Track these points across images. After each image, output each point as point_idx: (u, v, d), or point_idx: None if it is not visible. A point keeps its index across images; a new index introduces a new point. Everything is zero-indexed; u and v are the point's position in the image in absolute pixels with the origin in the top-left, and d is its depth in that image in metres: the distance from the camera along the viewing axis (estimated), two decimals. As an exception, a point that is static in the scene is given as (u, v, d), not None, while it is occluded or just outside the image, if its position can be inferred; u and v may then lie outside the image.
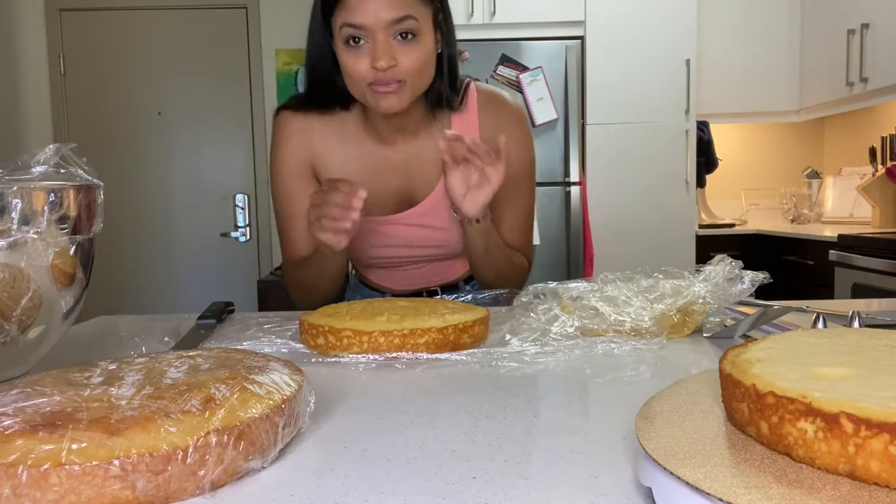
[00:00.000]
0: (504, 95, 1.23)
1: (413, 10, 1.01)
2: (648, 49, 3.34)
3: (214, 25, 3.91)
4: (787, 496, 0.30)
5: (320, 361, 0.72)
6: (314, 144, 1.18)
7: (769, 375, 0.36)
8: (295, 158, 1.18)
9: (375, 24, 1.00)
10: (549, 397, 0.58)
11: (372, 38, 1.01)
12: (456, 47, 1.14)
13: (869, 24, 3.05)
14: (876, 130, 3.50)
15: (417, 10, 1.02)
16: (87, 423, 0.38)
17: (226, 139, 3.96)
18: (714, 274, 0.81)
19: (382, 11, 0.99)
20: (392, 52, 1.01)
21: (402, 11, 1.00)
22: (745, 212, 4.02)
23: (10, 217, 0.57)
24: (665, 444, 0.36)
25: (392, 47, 1.01)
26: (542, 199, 3.22)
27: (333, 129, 1.18)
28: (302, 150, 1.18)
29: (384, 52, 1.00)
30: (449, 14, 1.11)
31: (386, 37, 1.01)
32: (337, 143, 1.18)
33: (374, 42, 1.01)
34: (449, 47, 1.12)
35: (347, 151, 1.18)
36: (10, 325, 0.59)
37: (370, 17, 0.99)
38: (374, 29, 1.00)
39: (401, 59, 1.02)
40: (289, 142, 1.18)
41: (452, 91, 1.15)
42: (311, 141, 1.18)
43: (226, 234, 3.99)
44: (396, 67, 1.02)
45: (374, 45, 1.01)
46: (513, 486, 0.40)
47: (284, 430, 0.45)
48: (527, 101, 3.23)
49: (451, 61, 1.13)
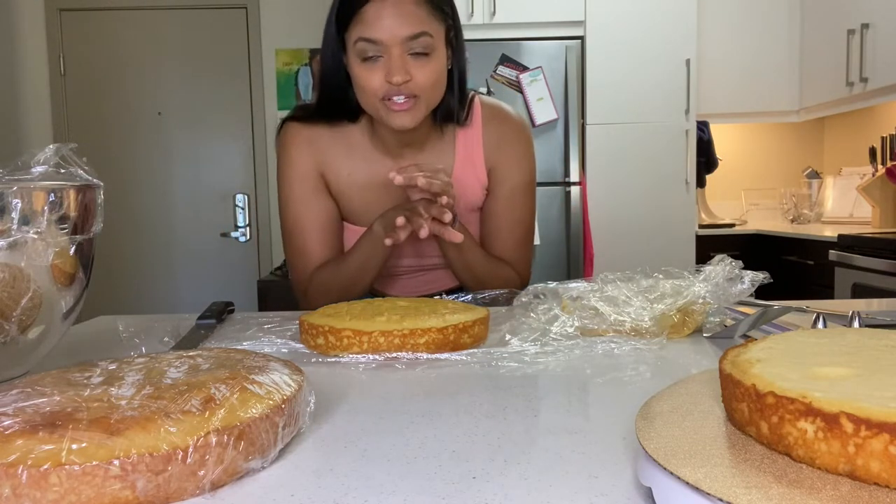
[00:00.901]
0: (507, 110, 1.23)
1: (428, 27, 1.03)
2: (648, 49, 3.34)
3: (214, 25, 3.91)
4: (787, 496, 0.30)
5: (320, 361, 0.72)
6: (322, 155, 1.18)
7: (769, 375, 0.36)
8: (306, 170, 1.18)
9: (391, 39, 1.01)
10: (549, 397, 0.58)
11: (387, 53, 1.02)
12: (466, 63, 1.16)
13: (869, 24, 3.05)
14: (876, 130, 3.50)
15: (432, 27, 1.03)
16: (87, 423, 0.38)
17: (226, 139, 3.96)
18: (714, 274, 0.81)
19: (398, 27, 1.01)
20: (407, 67, 1.02)
21: (418, 28, 1.01)
22: (745, 212, 4.02)
23: (10, 217, 0.57)
24: (665, 444, 0.36)
25: (407, 62, 1.02)
26: (542, 199, 3.22)
27: (340, 141, 1.18)
28: (311, 162, 1.18)
29: (399, 66, 1.02)
30: (460, 30, 1.12)
31: (401, 52, 1.02)
32: (344, 156, 1.18)
33: (388, 57, 1.02)
34: (459, 63, 1.13)
35: (354, 164, 1.18)
36: (10, 325, 0.59)
37: (386, 32, 1.00)
38: (389, 45, 1.01)
39: (415, 74, 1.03)
40: (298, 153, 1.18)
41: (460, 106, 1.16)
42: (320, 151, 1.18)
43: (226, 234, 3.99)
44: (411, 82, 1.03)
45: (388, 60, 1.02)
46: (513, 486, 0.40)
47: (284, 430, 0.45)
48: (527, 101, 3.23)
49: (460, 77, 1.15)
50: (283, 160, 1.19)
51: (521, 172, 1.22)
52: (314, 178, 1.18)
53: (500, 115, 1.22)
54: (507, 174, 1.20)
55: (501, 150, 1.20)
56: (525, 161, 1.22)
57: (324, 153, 1.18)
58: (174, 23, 3.90)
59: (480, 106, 1.21)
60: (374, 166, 1.18)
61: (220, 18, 3.91)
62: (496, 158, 1.20)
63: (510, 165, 1.21)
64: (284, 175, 1.19)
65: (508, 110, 1.23)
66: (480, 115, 1.20)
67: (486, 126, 1.20)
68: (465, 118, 1.18)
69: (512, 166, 1.21)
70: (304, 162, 1.18)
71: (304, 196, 1.18)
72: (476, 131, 1.19)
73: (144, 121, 3.92)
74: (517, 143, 1.21)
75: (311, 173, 1.18)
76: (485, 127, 1.20)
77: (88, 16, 3.88)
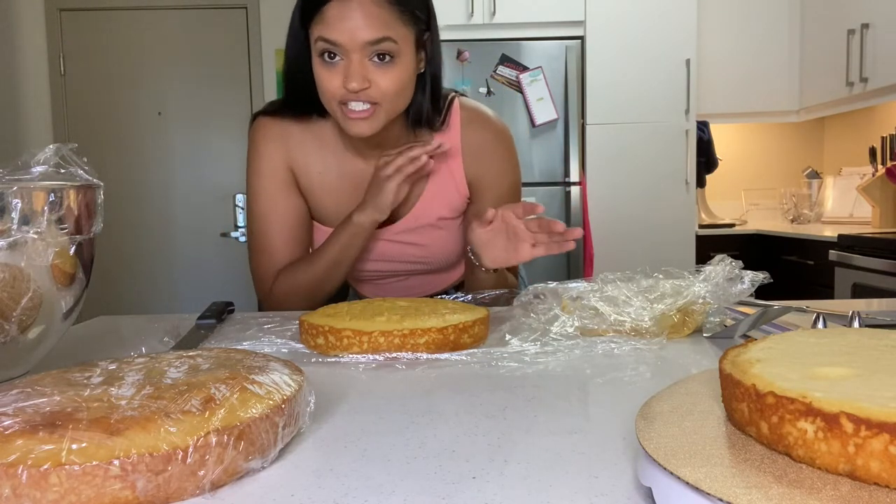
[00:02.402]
0: (488, 114, 1.19)
1: (392, 32, 0.97)
2: (648, 49, 3.34)
3: (214, 25, 3.91)
4: (787, 496, 0.30)
5: (320, 361, 0.72)
6: (292, 151, 1.15)
7: (769, 375, 0.36)
8: (275, 166, 1.15)
9: (350, 43, 0.96)
10: (549, 397, 0.58)
11: (346, 56, 0.98)
12: (441, 67, 1.11)
13: (869, 24, 3.05)
14: (876, 130, 3.50)
15: (397, 32, 0.98)
16: (87, 423, 0.38)
17: (226, 139, 3.96)
18: (714, 274, 0.81)
19: (359, 31, 0.96)
20: (366, 74, 0.98)
21: (379, 33, 0.96)
22: (745, 212, 4.02)
23: (10, 217, 0.57)
24: (665, 444, 0.36)
25: (367, 68, 0.98)
26: (542, 198, 3.22)
27: (311, 137, 1.15)
28: (281, 158, 1.15)
29: (357, 73, 0.97)
30: (436, 33, 1.08)
31: (361, 57, 0.97)
32: (315, 152, 1.16)
33: (348, 61, 0.98)
34: (433, 66, 1.09)
35: (326, 162, 1.16)
36: (10, 325, 0.59)
37: (346, 35, 0.96)
38: (349, 48, 0.97)
39: (376, 81, 0.99)
40: (268, 148, 1.15)
41: (434, 111, 1.12)
42: (290, 147, 1.15)
43: (226, 234, 3.99)
44: (371, 89, 0.99)
45: (348, 65, 0.98)
46: (513, 486, 0.40)
47: (284, 430, 0.45)
48: (527, 101, 3.23)
49: (434, 81, 1.10)
50: (253, 155, 1.17)
51: (506, 179, 1.19)
52: (284, 174, 1.16)
53: (479, 118, 1.18)
54: (492, 183, 1.18)
55: (484, 158, 1.17)
56: (508, 167, 1.20)
57: (294, 149, 1.15)
58: (174, 23, 3.89)
59: (460, 108, 1.17)
60: (345, 165, 1.15)
61: (220, 18, 3.91)
62: (478, 168, 1.17)
63: (494, 174, 1.18)
64: (253, 170, 1.17)
65: (489, 114, 1.19)
66: (459, 118, 1.16)
67: (465, 130, 1.16)
68: (440, 123, 1.14)
69: (496, 175, 1.18)
70: (274, 157, 1.15)
71: (272, 192, 1.16)
72: (454, 134, 1.16)
73: (144, 121, 3.92)
74: (500, 150, 1.18)
75: (280, 169, 1.15)
76: (464, 131, 1.16)
77: (88, 16, 3.88)
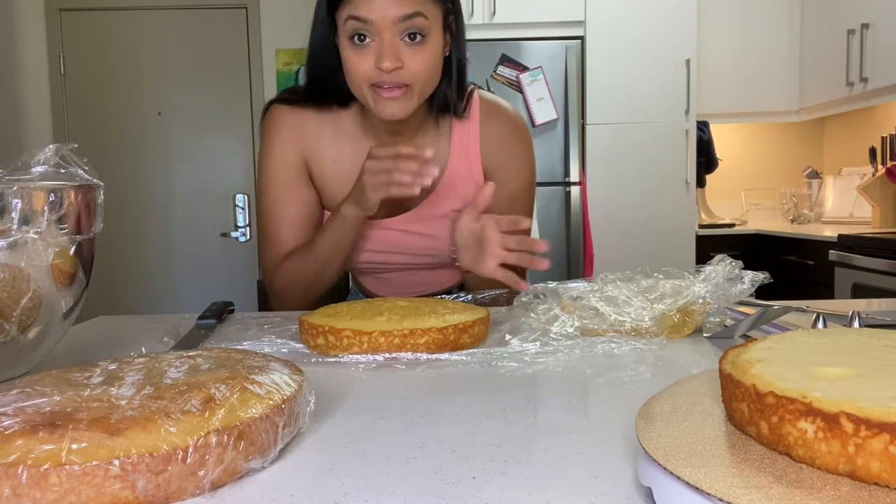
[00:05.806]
0: (507, 107, 1.19)
1: (423, 8, 0.97)
2: (648, 49, 3.34)
3: (214, 25, 3.91)
4: (787, 496, 0.30)
5: (320, 361, 0.72)
6: (308, 140, 1.15)
7: (769, 375, 0.36)
8: (289, 155, 1.14)
9: (382, 19, 0.96)
10: (549, 397, 0.58)
11: (378, 35, 0.97)
12: (465, 51, 1.10)
13: (869, 24, 3.05)
14: (876, 130, 3.50)
15: (427, 9, 0.98)
16: (87, 423, 0.38)
17: (226, 139, 3.96)
18: (714, 274, 0.81)
19: (390, 7, 0.95)
20: (398, 53, 0.97)
21: (411, 8, 0.96)
22: (745, 212, 4.02)
23: (10, 217, 0.57)
24: (665, 444, 0.36)
25: (399, 48, 0.98)
26: (542, 198, 3.22)
27: (329, 126, 1.15)
28: (296, 147, 1.14)
29: (390, 52, 0.97)
30: (461, 15, 1.07)
31: (393, 36, 0.97)
32: (331, 141, 1.15)
33: (380, 41, 0.97)
34: (458, 50, 1.08)
35: (341, 150, 1.15)
36: (10, 325, 0.59)
37: (377, 11, 0.96)
38: (380, 25, 0.96)
39: (408, 61, 0.98)
40: (281, 138, 1.14)
41: (458, 97, 1.11)
42: (305, 137, 1.14)
43: (226, 234, 3.99)
44: (402, 70, 0.98)
45: (380, 44, 0.97)
46: (513, 486, 0.40)
47: (284, 430, 0.45)
48: (527, 101, 3.23)
49: (459, 65, 1.09)
50: (266, 145, 1.16)
51: (523, 176, 1.19)
52: (297, 165, 1.15)
53: (499, 112, 1.18)
54: (509, 177, 1.16)
55: (502, 152, 1.17)
56: (526, 163, 1.19)
57: (309, 139, 1.14)
58: (174, 23, 3.89)
59: (479, 100, 1.17)
60: (361, 154, 1.13)
61: (220, 18, 3.91)
62: (496, 160, 1.16)
63: (511, 169, 1.17)
64: (266, 160, 1.16)
65: (508, 108, 1.20)
66: (479, 110, 1.16)
67: (484, 121, 1.16)
68: (463, 110, 1.14)
69: (513, 170, 1.17)
70: (288, 148, 1.14)
71: (284, 183, 1.15)
72: (473, 125, 1.15)
73: (144, 121, 3.92)
74: (518, 146, 1.18)
75: (293, 161, 1.15)
76: (483, 122, 1.16)
77: (88, 16, 3.88)
